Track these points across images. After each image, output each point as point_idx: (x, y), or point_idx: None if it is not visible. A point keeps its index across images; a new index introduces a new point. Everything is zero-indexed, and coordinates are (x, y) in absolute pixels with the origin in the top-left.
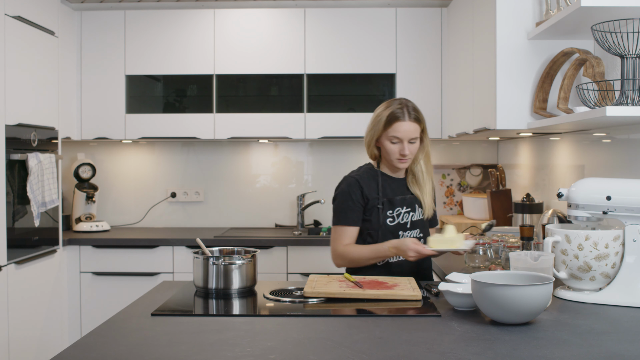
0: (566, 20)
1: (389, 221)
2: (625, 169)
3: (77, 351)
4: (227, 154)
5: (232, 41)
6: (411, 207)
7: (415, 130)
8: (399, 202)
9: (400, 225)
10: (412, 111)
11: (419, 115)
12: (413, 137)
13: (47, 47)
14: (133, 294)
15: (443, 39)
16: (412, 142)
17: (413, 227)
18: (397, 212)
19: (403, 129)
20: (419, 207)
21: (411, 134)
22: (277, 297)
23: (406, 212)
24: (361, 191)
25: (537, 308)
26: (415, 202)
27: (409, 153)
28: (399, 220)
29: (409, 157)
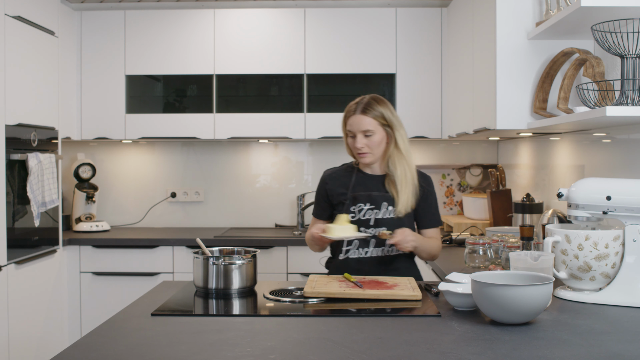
0: (566, 20)
1: (350, 216)
2: (625, 169)
3: (77, 351)
4: (227, 154)
5: (232, 41)
6: (376, 204)
7: (369, 123)
8: (363, 198)
9: (362, 222)
10: (366, 105)
11: (374, 108)
12: (365, 130)
13: (47, 47)
14: (133, 294)
15: (443, 39)
16: (368, 135)
17: (378, 225)
18: (359, 208)
19: (353, 122)
20: (389, 205)
21: (362, 127)
22: (277, 297)
23: (369, 209)
24: (325, 187)
25: (537, 308)
26: (385, 199)
27: (363, 146)
28: (359, 217)
29: (364, 150)
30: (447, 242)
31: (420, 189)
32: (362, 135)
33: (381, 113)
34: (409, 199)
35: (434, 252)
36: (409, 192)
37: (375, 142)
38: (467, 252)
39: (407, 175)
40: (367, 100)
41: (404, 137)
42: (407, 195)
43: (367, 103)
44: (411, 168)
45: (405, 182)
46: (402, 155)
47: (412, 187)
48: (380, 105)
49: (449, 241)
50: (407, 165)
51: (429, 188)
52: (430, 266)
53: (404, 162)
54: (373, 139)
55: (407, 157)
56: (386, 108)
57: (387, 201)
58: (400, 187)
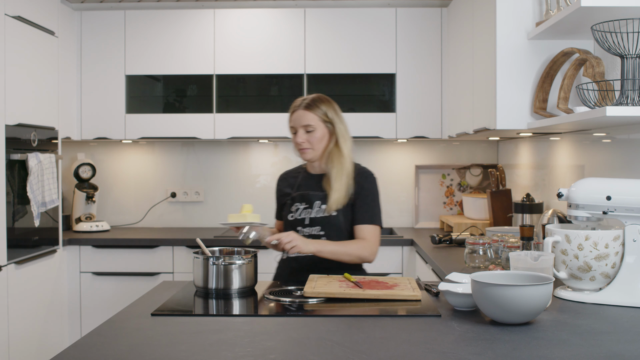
0: (566, 20)
1: (289, 216)
2: (625, 169)
3: (77, 351)
4: (227, 154)
5: (232, 41)
6: (309, 203)
7: (311, 119)
8: (299, 198)
9: (298, 221)
10: (310, 101)
11: (316, 105)
12: (306, 125)
13: (47, 47)
14: (133, 294)
15: (443, 39)
16: (309, 130)
17: (312, 223)
18: (296, 207)
19: (296, 117)
20: (321, 204)
21: (303, 121)
22: (277, 297)
23: (304, 208)
24: (277, 188)
25: (537, 308)
26: (318, 198)
27: (303, 141)
28: (296, 216)
29: (305, 146)
30: (447, 242)
31: (357, 186)
32: (303, 131)
33: (324, 110)
34: (340, 196)
35: (352, 254)
36: (341, 190)
37: (316, 138)
38: (467, 252)
39: (343, 172)
40: (312, 97)
41: (345, 136)
42: (340, 193)
43: (312, 99)
44: (348, 167)
45: (339, 179)
46: (340, 154)
47: (346, 185)
48: (324, 104)
49: (449, 241)
50: (344, 163)
51: (366, 184)
52: (430, 266)
53: (342, 159)
54: (314, 135)
55: (346, 155)
56: (330, 107)
57: (320, 199)
58: (333, 185)
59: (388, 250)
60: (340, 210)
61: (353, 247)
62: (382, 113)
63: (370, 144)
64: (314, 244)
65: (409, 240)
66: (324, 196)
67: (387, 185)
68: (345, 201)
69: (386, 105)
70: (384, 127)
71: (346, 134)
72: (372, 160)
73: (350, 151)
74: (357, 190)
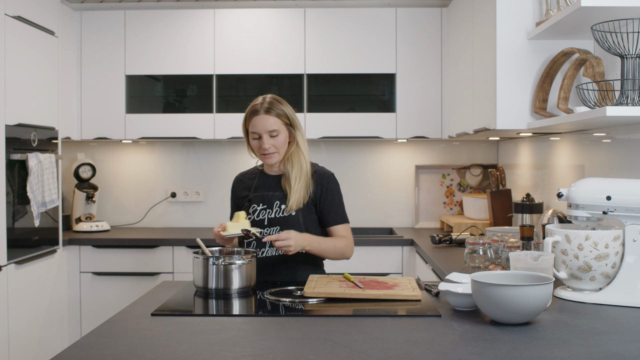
0: (566, 20)
1: (247, 218)
2: (625, 169)
3: (77, 351)
4: (227, 154)
5: (232, 41)
6: (268, 203)
7: (274, 123)
8: (256, 199)
9: (256, 222)
10: (269, 105)
11: (277, 107)
12: (271, 130)
13: (47, 47)
14: (133, 294)
15: (443, 39)
16: (274, 135)
17: (271, 224)
18: (253, 209)
19: (258, 123)
20: (281, 204)
21: (268, 127)
22: (277, 297)
23: (262, 209)
24: (233, 190)
25: (537, 308)
26: (278, 198)
27: (270, 147)
28: (254, 217)
29: (271, 151)
30: (447, 242)
31: (319, 187)
32: (268, 136)
33: (284, 112)
34: (300, 197)
35: (337, 250)
36: (301, 189)
37: (280, 142)
38: (467, 252)
39: (302, 173)
40: (270, 100)
41: (304, 136)
42: (299, 193)
43: (270, 103)
44: (307, 166)
45: (299, 179)
46: (301, 154)
47: (305, 184)
48: (282, 104)
49: (449, 241)
50: (304, 162)
51: (330, 185)
52: (430, 266)
53: (302, 160)
54: (279, 139)
55: (306, 155)
56: (287, 107)
57: (280, 200)
58: (294, 185)
59: (388, 250)
60: (299, 210)
61: (340, 244)
62: (382, 113)
63: (370, 144)
64: (303, 242)
65: (409, 240)
66: (283, 196)
67: (387, 185)
68: (305, 201)
69: (386, 105)
70: (384, 127)
71: (304, 134)
72: (372, 161)
73: (308, 151)
74: (321, 191)
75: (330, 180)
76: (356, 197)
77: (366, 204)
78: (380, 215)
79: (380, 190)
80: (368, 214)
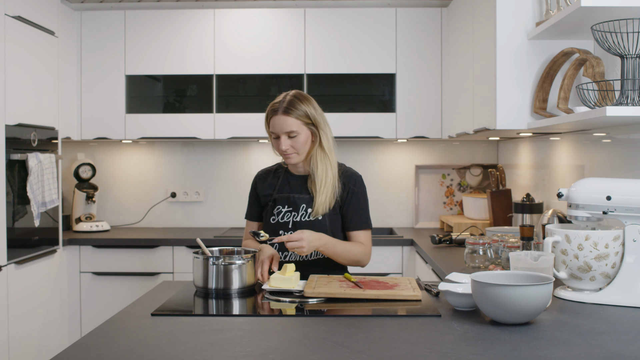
0: (566, 20)
1: (271, 219)
2: (625, 169)
3: (77, 351)
4: (227, 154)
5: (232, 41)
6: (294, 206)
7: (292, 124)
8: (282, 200)
9: (281, 225)
10: (288, 104)
11: (297, 107)
12: (289, 131)
13: (47, 47)
14: (133, 294)
15: (443, 39)
16: (292, 136)
17: (296, 227)
18: (278, 210)
19: (276, 124)
20: (307, 207)
21: (286, 128)
22: (277, 297)
23: (287, 211)
24: (255, 187)
25: (537, 308)
26: (304, 201)
27: (287, 147)
28: (278, 219)
29: (289, 152)
30: (447, 242)
31: (345, 189)
32: (286, 137)
33: (304, 112)
34: (326, 200)
35: (353, 256)
36: (327, 192)
37: (300, 143)
38: (467, 252)
39: (328, 174)
40: (290, 99)
41: (329, 136)
42: (326, 196)
43: (290, 102)
44: (333, 167)
45: (325, 182)
46: (325, 154)
47: (332, 187)
48: (303, 104)
49: (449, 241)
50: (329, 164)
51: (356, 188)
52: (430, 266)
53: (327, 161)
54: (298, 140)
55: (330, 156)
56: (309, 105)
57: (306, 203)
58: (319, 188)
59: (388, 250)
60: (326, 215)
61: (356, 251)
62: (382, 113)
63: (370, 144)
64: (317, 243)
65: (409, 240)
66: (309, 199)
67: (387, 185)
68: (331, 205)
69: (386, 105)
70: (384, 127)
71: (330, 133)
72: (372, 160)
73: (334, 150)
74: (347, 194)
75: (357, 183)
76: None
77: None
78: (380, 215)
79: (380, 190)
80: None
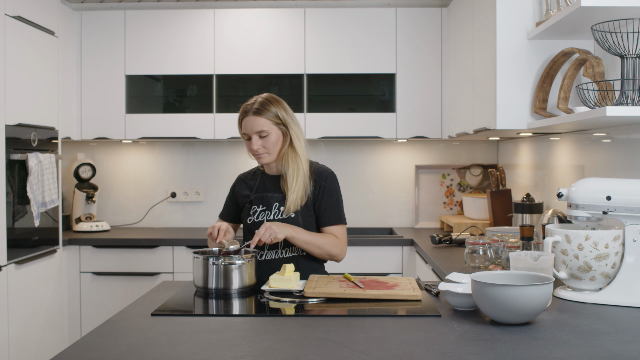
0: (566, 20)
1: (248, 220)
2: (625, 169)
3: (77, 351)
4: (227, 154)
5: (232, 41)
6: (267, 205)
7: (263, 124)
8: (257, 200)
9: (256, 224)
10: (258, 105)
11: (267, 108)
12: (259, 131)
13: (47, 47)
14: (133, 294)
15: (443, 39)
16: (263, 136)
17: None
18: (254, 210)
19: (247, 124)
20: (280, 206)
21: (256, 128)
22: (277, 297)
23: (262, 210)
24: (233, 189)
25: (537, 308)
26: (276, 200)
27: (259, 147)
28: (254, 219)
29: (261, 151)
30: (447, 242)
31: (317, 185)
32: (257, 137)
33: (275, 113)
34: (298, 198)
35: (324, 246)
36: (299, 190)
37: (271, 142)
38: (467, 252)
39: (299, 173)
40: (261, 101)
41: (299, 135)
42: (297, 194)
43: (260, 104)
44: (304, 166)
45: (295, 180)
46: (295, 154)
47: (303, 185)
48: (273, 105)
49: (449, 241)
50: (300, 163)
51: (327, 184)
52: (430, 266)
53: (298, 160)
54: (269, 139)
55: (302, 155)
56: (280, 107)
57: (278, 202)
58: (291, 186)
59: (388, 250)
60: (298, 212)
61: (325, 241)
62: (382, 113)
63: (370, 144)
64: (288, 229)
65: (409, 240)
66: (282, 198)
67: (387, 185)
68: (303, 202)
69: (386, 105)
70: (384, 127)
71: (300, 133)
72: (372, 161)
73: (305, 150)
74: (318, 190)
75: (328, 179)
76: (356, 197)
77: (366, 204)
78: (380, 215)
79: (380, 190)
80: (368, 214)
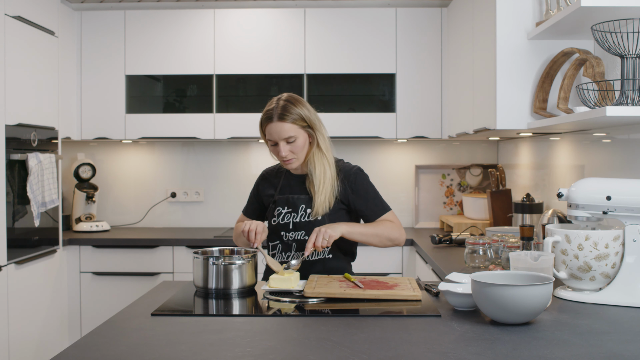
0: (566, 20)
1: (272, 221)
2: (625, 169)
3: (77, 351)
4: (227, 154)
5: (232, 41)
6: (293, 207)
7: (289, 130)
8: (282, 202)
9: (282, 226)
10: (281, 110)
11: (291, 112)
12: (287, 137)
13: (47, 47)
14: (133, 294)
15: (443, 39)
16: (291, 141)
17: (296, 228)
18: (278, 211)
19: (273, 131)
20: (306, 208)
21: (283, 134)
22: (277, 297)
23: (287, 212)
24: (257, 186)
25: (537, 308)
26: (303, 202)
27: (287, 154)
28: (279, 221)
29: (289, 157)
30: (447, 242)
31: (345, 186)
32: (284, 143)
33: (299, 115)
34: (326, 200)
35: (383, 234)
36: (326, 192)
37: (299, 147)
38: (467, 252)
39: (327, 174)
40: (283, 105)
41: (325, 135)
42: (325, 196)
43: (283, 107)
44: (331, 167)
45: (323, 182)
46: (322, 154)
47: (331, 186)
48: (297, 107)
49: (449, 241)
50: (327, 164)
51: (357, 184)
52: (430, 266)
53: (325, 160)
54: (297, 144)
55: (328, 155)
56: (303, 108)
57: (305, 203)
58: (318, 188)
59: (388, 250)
60: (326, 215)
61: (382, 227)
62: (382, 113)
63: (370, 144)
64: (341, 226)
65: (409, 240)
66: (308, 199)
67: (387, 185)
68: (331, 204)
69: (386, 105)
70: (384, 127)
71: (325, 132)
72: (372, 160)
73: (330, 148)
74: (351, 190)
75: (357, 178)
76: None
77: None
78: None
79: (380, 190)
80: None
